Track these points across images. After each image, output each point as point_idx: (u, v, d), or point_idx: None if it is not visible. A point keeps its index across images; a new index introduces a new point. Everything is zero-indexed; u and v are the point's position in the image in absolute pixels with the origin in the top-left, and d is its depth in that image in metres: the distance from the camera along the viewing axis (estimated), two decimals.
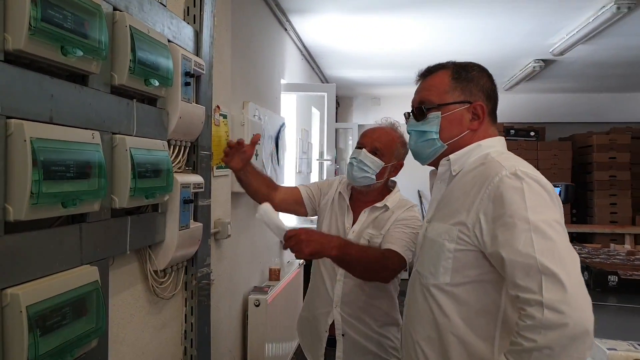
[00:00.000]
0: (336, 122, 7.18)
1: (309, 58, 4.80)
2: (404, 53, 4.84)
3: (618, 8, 3.21)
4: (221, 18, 2.15)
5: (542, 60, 4.99)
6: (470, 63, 1.27)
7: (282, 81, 3.73)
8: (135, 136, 1.36)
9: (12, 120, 0.92)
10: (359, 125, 7.15)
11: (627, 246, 3.83)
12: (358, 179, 1.78)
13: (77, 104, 1.12)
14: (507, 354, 0.99)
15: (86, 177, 1.09)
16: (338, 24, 3.86)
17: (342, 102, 7.59)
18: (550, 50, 4.51)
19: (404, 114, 1.31)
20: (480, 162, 1.16)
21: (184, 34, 1.72)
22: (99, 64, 1.15)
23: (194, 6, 1.85)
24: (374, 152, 1.77)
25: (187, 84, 1.64)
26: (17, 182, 0.92)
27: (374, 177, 1.77)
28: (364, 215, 1.81)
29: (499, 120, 4.99)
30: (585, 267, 2.67)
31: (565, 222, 4.14)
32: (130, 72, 1.28)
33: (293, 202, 1.94)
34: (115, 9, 1.28)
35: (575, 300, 0.93)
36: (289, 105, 4.19)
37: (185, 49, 1.69)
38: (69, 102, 1.09)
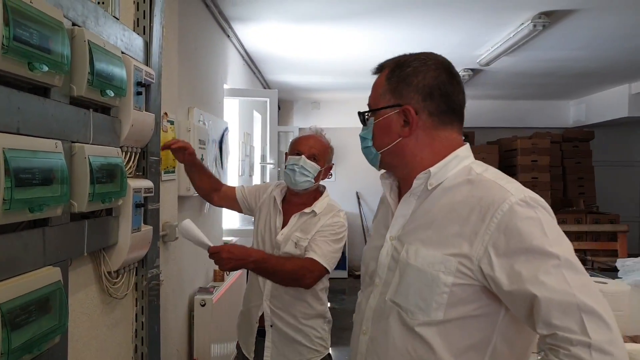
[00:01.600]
0: (278, 125, 7.32)
1: (251, 63, 4.91)
2: (343, 60, 5.05)
3: (534, 26, 3.56)
4: (169, 28, 2.24)
5: (471, 69, 5.37)
6: (414, 56, 1.12)
7: (225, 86, 3.82)
8: (92, 144, 1.44)
9: None
10: (299, 129, 7.31)
11: None
12: (300, 184, 1.96)
13: (40, 115, 1.19)
14: None
15: (50, 183, 1.17)
16: (279, 31, 4.00)
17: (283, 105, 7.73)
18: (477, 61, 4.88)
19: (358, 112, 1.22)
20: (464, 176, 1.06)
21: (135, 45, 1.80)
22: (62, 77, 1.23)
23: (144, 18, 1.93)
24: (312, 157, 1.96)
25: (138, 93, 1.72)
26: None
27: (313, 180, 1.97)
28: (293, 220, 1.99)
29: None
30: None
31: None
32: (88, 84, 1.36)
33: (230, 200, 2.20)
34: (74, 24, 1.35)
35: (620, 340, 0.88)
36: (231, 109, 4.28)
37: (137, 60, 1.77)
38: (34, 114, 1.17)
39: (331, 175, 2.11)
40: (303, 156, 1.96)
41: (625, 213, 6.81)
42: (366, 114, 1.16)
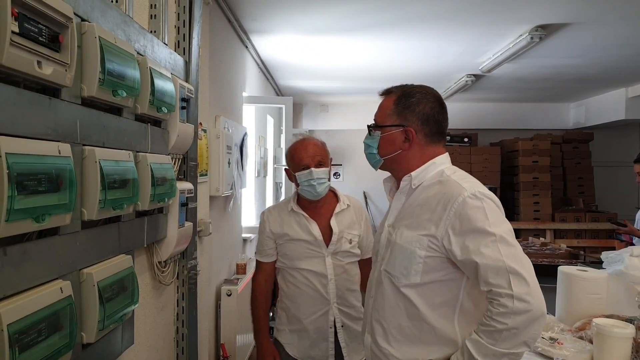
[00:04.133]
0: (294, 127, 7.59)
1: (265, 71, 5.18)
2: (351, 67, 5.32)
3: (531, 38, 3.81)
4: (203, 47, 2.51)
5: (474, 75, 5.62)
6: (417, 88, 1.45)
7: (244, 94, 4.09)
8: (150, 153, 1.71)
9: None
10: (309, 131, 7.58)
11: (542, 239, 4.47)
12: (323, 191, 2.02)
13: (117, 131, 1.47)
14: (480, 333, 1.24)
15: (125, 187, 1.45)
16: (293, 42, 4.27)
17: (293, 108, 7.99)
18: (480, 68, 5.13)
19: (367, 125, 1.52)
20: (437, 178, 1.39)
21: (178, 65, 2.07)
22: (133, 99, 1.51)
23: (184, 40, 2.21)
24: (319, 165, 2.02)
25: (182, 107, 1.99)
26: (90, 189, 1.27)
27: (328, 182, 2.07)
28: (334, 220, 2.06)
29: None
30: None
31: None
32: (149, 103, 1.63)
33: (272, 270, 2.18)
34: (138, 53, 1.63)
35: (536, 292, 1.20)
36: (248, 114, 4.55)
37: (180, 78, 2.04)
38: (113, 130, 1.44)
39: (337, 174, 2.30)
40: (312, 169, 1.99)
41: (623, 212, 7.03)
42: (373, 127, 1.48)
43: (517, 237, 1.26)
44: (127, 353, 1.66)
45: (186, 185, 2.09)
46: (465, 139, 7.37)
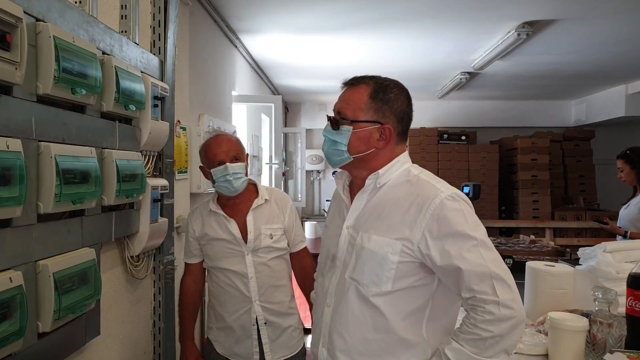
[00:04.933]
0: (285, 126, 7.64)
1: (259, 70, 5.23)
2: (345, 66, 5.34)
3: (518, 35, 3.82)
4: (181, 46, 2.56)
5: (468, 72, 5.62)
6: (392, 82, 1.34)
7: (233, 93, 4.14)
8: (118, 149, 1.76)
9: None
10: (306, 130, 7.62)
11: (532, 236, 4.47)
12: (240, 186, 1.99)
13: (79, 127, 1.51)
14: (461, 341, 1.18)
15: (87, 182, 1.49)
16: (283, 41, 4.31)
17: (291, 107, 8.04)
18: (472, 65, 5.13)
19: (327, 115, 1.38)
20: (404, 177, 1.32)
21: (152, 64, 2.11)
22: (95, 97, 1.55)
23: (159, 40, 2.25)
24: (234, 160, 1.98)
25: (155, 105, 2.03)
26: (46, 183, 1.32)
27: (245, 177, 2.01)
28: (250, 216, 2.01)
29: (434, 124, 5.77)
30: None
31: (494, 218, 5.01)
32: (115, 101, 1.68)
33: (201, 273, 2.19)
34: (103, 52, 1.67)
35: (518, 298, 1.17)
36: (240, 113, 4.60)
37: (153, 77, 2.08)
38: (75, 127, 1.48)
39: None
40: (227, 164, 1.95)
41: None
42: (342, 121, 1.32)
43: (515, 235, 1.22)
44: (95, 344, 1.71)
45: (160, 182, 2.13)
46: (463, 137, 7.36)
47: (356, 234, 1.33)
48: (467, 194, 4.27)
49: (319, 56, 4.87)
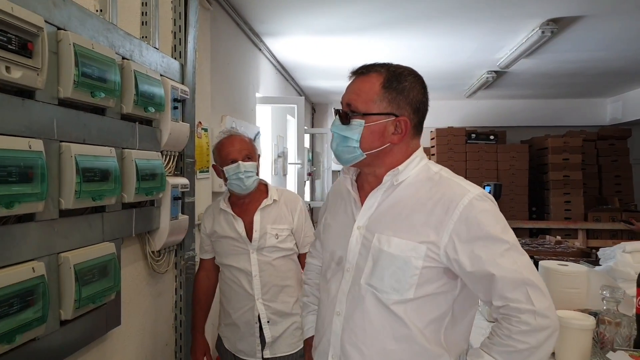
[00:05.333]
0: (312, 127, 7.71)
1: (284, 72, 5.31)
2: None
3: (542, 32, 3.77)
4: (202, 50, 2.65)
5: (494, 71, 5.56)
6: (406, 70, 1.23)
7: (257, 94, 4.23)
8: (138, 149, 1.85)
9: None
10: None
11: (558, 237, 4.38)
12: (251, 185, 2.01)
13: (100, 129, 1.61)
14: (494, 354, 1.09)
15: (107, 180, 1.58)
16: (306, 43, 4.38)
17: (318, 108, 8.11)
18: (497, 64, 5.08)
19: (334, 109, 1.28)
20: (424, 174, 1.21)
21: (172, 68, 2.21)
22: (115, 100, 1.64)
23: (180, 44, 2.34)
24: (247, 158, 2.01)
25: (175, 107, 2.13)
26: (67, 181, 1.41)
27: (257, 176, 2.04)
28: (257, 216, 2.03)
29: (462, 124, 5.74)
30: None
31: (524, 219, 4.96)
32: (134, 104, 1.77)
33: (215, 270, 2.19)
34: (123, 57, 1.76)
35: (552, 305, 1.09)
36: (265, 115, 4.69)
37: (174, 80, 2.17)
38: (95, 128, 1.58)
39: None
40: (240, 162, 1.99)
41: None
42: (352, 114, 1.20)
43: (541, 236, 1.14)
44: (116, 333, 1.80)
45: (180, 181, 2.22)
46: (491, 137, 7.26)
47: (370, 235, 1.21)
48: None
49: (343, 57, 4.91)
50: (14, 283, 1.18)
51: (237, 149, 2.02)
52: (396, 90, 1.19)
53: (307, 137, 7.25)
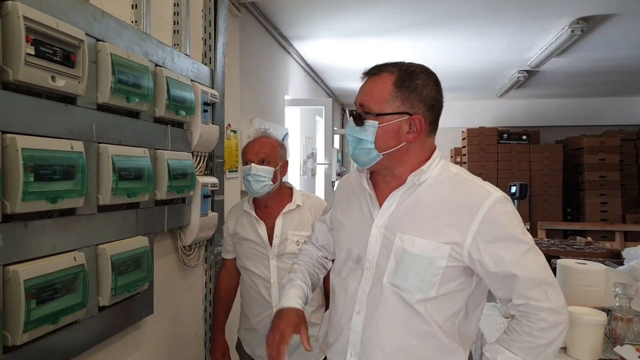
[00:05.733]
0: (342, 128, 7.78)
1: (313, 74, 5.42)
2: None
3: (572, 31, 3.74)
4: (231, 56, 2.77)
5: (526, 71, 5.51)
6: (419, 68, 1.23)
7: (286, 97, 4.34)
8: (170, 150, 1.98)
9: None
10: None
11: (589, 238, 4.31)
12: (259, 190, 1.94)
13: (134, 131, 1.74)
14: (514, 349, 1.14)
15: (141, 178, 1.71)
16: (335, 46, 4.47)
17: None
18: (528, 64, 5.04)
19: (347, 111, 1.28)
20: (445, 175, 1.23)
21: (203, 73, 2.33)
22: (148, 104, 1.77)
23: (210, 50, 2.47)
24: (261, 162, 1.94)
25: (205, 110, 2.25)
26: (104, 179, 1.54)
27: (271, 182, 1.95)
28: (279, 220, 1.97)
29: (494, 124, 5.73)
30: None
31: (558, 220, 4.91)
32: (166, 107, 1.90)
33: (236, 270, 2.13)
34: (156, 65, 1.89)
35: (565, 302, 1.15)
36: (293, 116, 4.80)
37: (204, 85, 2.30)
38: (130, 130, 1.71)
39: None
40: (252, 164, 1.94)
41: None
42: (365, 115, 1.20)
43: (570, 237, 1.15)
44: (149, 321, 1.94)
45: (210, 180, 2.35)
46: (524, 137, 7.17)
47: (391, 235, 1.23)
48: (513, 194, 4.25)
49: (371, 59, 4.92)
50: (58, 270, 1.32)
51: (255, 150, 1.97)
52: (409, 88, 1.18)
53: (336, 137, 7.33)
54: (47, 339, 1.33)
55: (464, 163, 7.32)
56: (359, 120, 1.21)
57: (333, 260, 1.45)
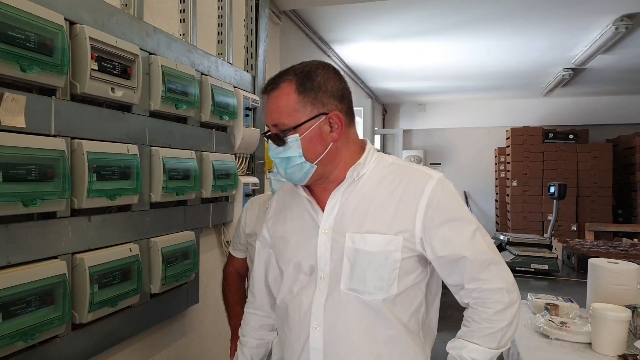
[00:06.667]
0: (383, 127, 7.85)
1: (353, 75, 5.52)
2: (439, 67, 5.44)
3: (616, 29, 3.67)
4: (272, 62, 2.92)
5: (571, 69, 5.40)
6: (313, 65, 1.15)
7: None
8: (214, 152, 2.14)
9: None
10: (404, 130, 7.75)
11: (636, 240, 4.21)
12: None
13: (182, 135, 1.91)
14: (476, 340, 1.10)
15: (188, 178, 1.87)
16: (373, 48, 4.56)
17: (389, 109, 8.22)
18: (572, 62, 4.95)
19: (263, 136, 1.24)
20: (381, 166, 1.16)
21: (245, 80, 2.49)
22: (195, 110, 1.94)
23: (252, 58, 2.63)
24: None
25: (247, 115, 2.40)
26: (156, 179, 1.71)
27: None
28: None
29: (540, 123, 5.69)
30: (572, 253, 3.20)
31: (608, 221, 4.85)
32: (211, 113, 2.06)
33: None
34: (202, 74, 2.06)
35: (514, 280, 1.12)
36: None
37: (246, 90, 2.46)
38: (178, 134, 1.88)
39: None
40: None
41: None
42: (283, 133, 1.12)
43: (616, 239, 1.07)
44: (195, 310, 2.10)
45: (251, 179, 2.50)
46: (571, 136, 6.97)
47: (340, 237, 1.14)
48: (552, 194, 4.17)
49: (409, 60, 5.04)
50: (116, 259, 1.49)
51: None
52: (313, 89, 1.11)
53: (377, 138, 7.39)
54: (108, 320, 1.50)
55: (508, 163, 7.21)
56: (280, 140, 1.13)
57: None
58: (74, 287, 1.36)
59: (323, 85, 1.12)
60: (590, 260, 2.05)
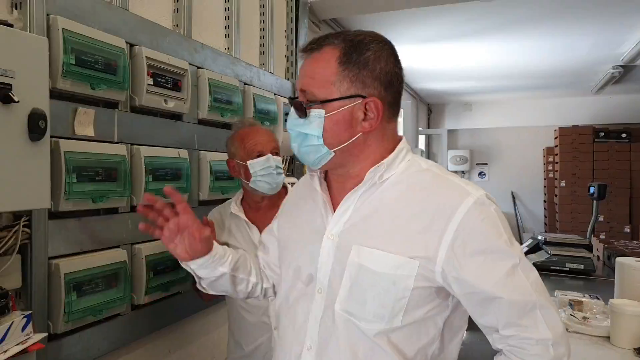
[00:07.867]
0: (428, 127, 7.87)
1: None
2: (482, 67, 5.44)
3: None
4: None
5: (621, 66, 5.27)
6: (368, 36, 0.97)
7: None
8: None
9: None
10: (448, 131, 7.75)
11: None
12: (280, 184, 1.68)
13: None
14: None
15: (232, 179, 2.07)
16: (414, 50, 4.64)
17: (434, 109, 8.23)
18: (621, 59, 4.85)
19: (288, 98, 1.05)
20: (412, 171, 0.98)
21: (285, 87, 2.67)
22: (237, 117, 2.13)
23: (292, 66, 2.81)
24: (275, 154, 1.69)
25: (286, 120, 2.58)
26: (204, 179, 1.92)
27: (284, 177, 1.72)
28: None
29: (590, 122, 5.67)
30: (612, 254, 3.19)
31: None
32: (254, 118, 2.25)
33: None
34: (245, 83, 2.26)
35: (565, 331, 0.92)
36: None
37: (285, 97, 2.64)
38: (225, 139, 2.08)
39: None
40: (270, 155, 1.65)
41: None
42: (309, 104, 0.95)
43: None
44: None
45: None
46: (624, 135, 6.75)
47: (347, 247, 0.96)
48: (592, 194, 4.11)
49: (451, 61, 5.08)
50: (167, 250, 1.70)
51: (265, 139, 1.68)
52: (358, 64, 0.93)
53: (422, 138, 7.44)
54: (161, 303, 1.72)
55: (556, 163, 7.07)
56: (302, 110, 0.96)
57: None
58: (133, 273, 1.58)
59: (371, 63, 0.94)
60: (618, 259, 2.10)
